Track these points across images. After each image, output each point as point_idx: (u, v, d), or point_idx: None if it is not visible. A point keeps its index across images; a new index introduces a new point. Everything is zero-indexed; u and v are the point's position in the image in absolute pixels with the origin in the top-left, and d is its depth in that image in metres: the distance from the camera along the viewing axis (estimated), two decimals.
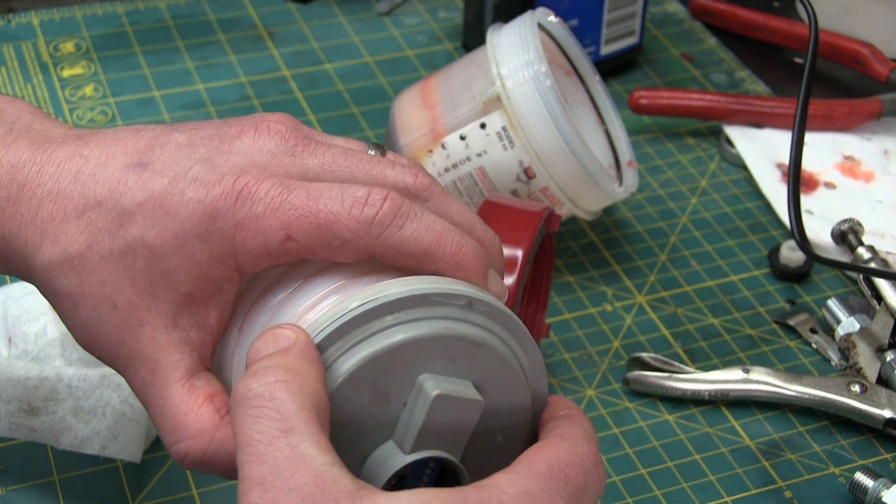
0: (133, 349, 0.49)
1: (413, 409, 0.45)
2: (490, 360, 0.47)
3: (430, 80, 0.80)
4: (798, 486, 0.70)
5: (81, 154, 0.51)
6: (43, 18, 1.02)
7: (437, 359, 0.46)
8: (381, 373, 0.45)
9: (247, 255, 0.48)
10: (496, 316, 0.47)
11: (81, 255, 0.49)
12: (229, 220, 0.48)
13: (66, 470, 0.67)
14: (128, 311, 0.49)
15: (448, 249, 0.48)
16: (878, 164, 0.92)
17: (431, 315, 0.45)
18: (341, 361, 0.45)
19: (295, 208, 0.48)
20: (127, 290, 0.49)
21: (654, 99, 0.94)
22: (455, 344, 0.46)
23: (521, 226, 0.67)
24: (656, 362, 0.75)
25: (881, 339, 0.75)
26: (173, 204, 0.48)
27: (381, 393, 0.46)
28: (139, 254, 0.49)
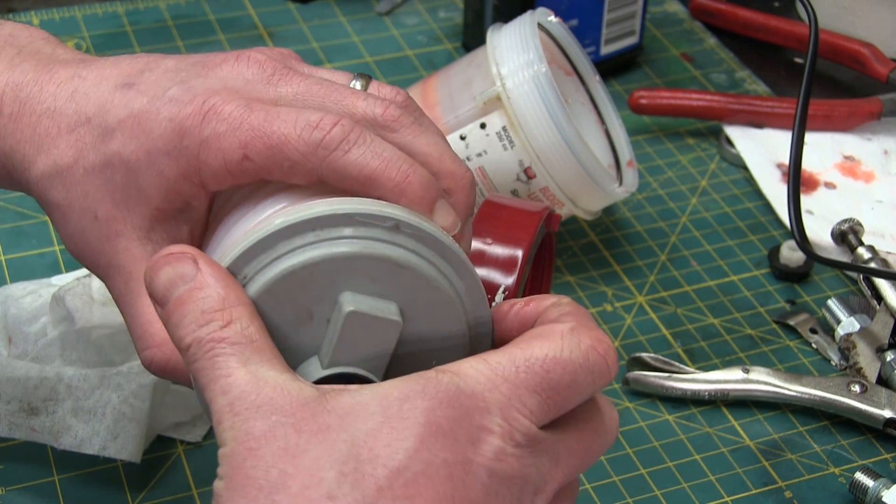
0: (111, 259, 0.52)
1: (332, 324, 0.46)
2: (416, 283, 0.47)
3: (430, 80, 0.80)
4: (798, 486, 0.70)
5: (80, 75, 0.53)
6: (43, 18, 1.02)
7: (359, 278, 0.46)
8: (301, 288, 0.46)
9: (209, 172, 0.50)
10: (426, 240, 0.47)
11: (69, 168, 0.52)
12: (195, 138, 0.50)
13: (66, 470, 0.67)
14: (106, 222, 0.51)
15: (392, 176, 0.49)
16: (879, 164, 0.92)
17: (355, 235, 0.46)
18: (262, 274, 0.46)
19: (252, 128, 0.49)
20: (106, 203, 0.51)
21: (654, 99, 0.94)
22: (378, 265, 0.46)
23: (521, 226, 0.67)
24: (656, 362, 0.75)
25: (881, 339, 0.75)
26: (149, 122, 0.51)
27: (303, 309, 0.47)
28: (117, 168, 0.51)
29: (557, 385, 0.45)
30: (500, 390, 0.44)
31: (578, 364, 0.46)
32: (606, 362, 0.47)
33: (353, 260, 0.46)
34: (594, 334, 0.47)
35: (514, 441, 0.44)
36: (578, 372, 0.45)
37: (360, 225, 0.46)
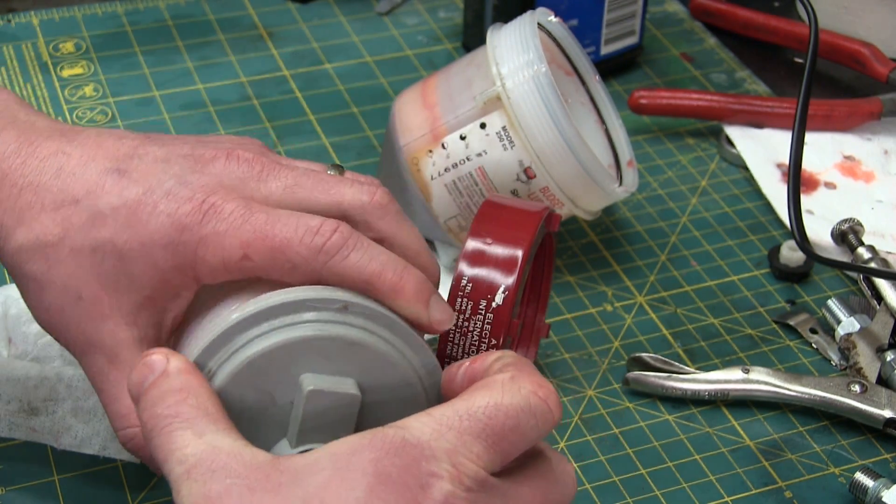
0: (93, 339, 0.53)
1: (295, 405, 0.50)
2: (369, 357, 0.50)
3: (430, 80, 0.80)
4: (798, 486, 0.70)
5: (65, 151, 0.54)
6: (43, 18, 1.02)
7: (315, 359, 0.50)
8: (261, 375, 0.50)
9: (206, 267, 0.53)
10: (375, 317, 0.51)
11: (53, 246, 0.53)
12: (194, 234, 0.52)
13: (66, 470, 0.67)
14: (92, 304, 0.53)
15: (388, 278, 0.52)
16: (879, 164, 0.92)
17: (307, 319, 0.50)
18: (224, 367, 0.50)
19: (254, 230, 0.52)
20: (93, 285, 0.53)
21: (654, 99, 0.94)
22: (331, 344, 0.50)
23: (521, 226, 0.67)
24: (656, 362, 0.75)
25: (881, 339, 0.75)
26: (145, 213, 0.53)
27: (266, 394, 0.50)
28: (108, 254, 0.53)
29: (501, 430, 0.46)
30: (446, 438, 0.46)
31: (520, 408, 0.47)
32: (548, 405, 0.48)
33: (308, 343, 0.50)
34: (534, 380, 0.48)
35: (464, 485, 0.45)
36: (520, 416, 0.47)
37: (311, 310, 0.50)
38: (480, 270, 0.65)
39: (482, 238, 0.66)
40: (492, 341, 0.64)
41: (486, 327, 0.64)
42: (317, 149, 0.91)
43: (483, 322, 0.64)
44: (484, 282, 0.65)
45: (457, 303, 0.64)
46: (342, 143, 0.92)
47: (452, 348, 0.64)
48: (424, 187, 0.77)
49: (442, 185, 0.77)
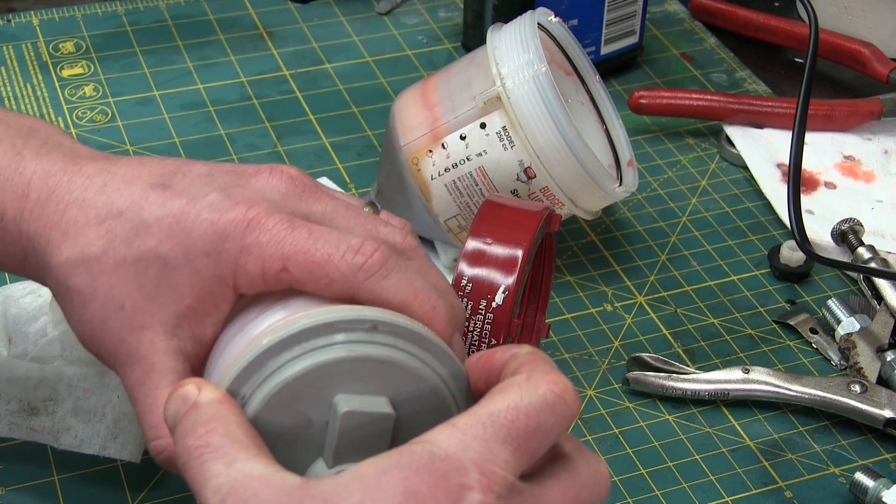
0: (133, 349, 0.54)
1: (331, 426, 0.50)
2: (401, 375, 0.51)
3: (430, 80, 0.80)
4: (798, 486, 0.70)
5: (109, 170, 0.56)
6: (43, 18, 1.02)
7: (347, 380, 0.50)
8: (295, 399, 0.50)
9: (245, 277, 0.53)
10: (403, 334, 0.51)
11: (97, 258, 0.54)
12: (237, 243, 0.53)
13: (66, 470, 0.67)
14: (133, 314, 0.54)
15: (422, 305, 0.53)
16: (879, 163, 0.92)
17: (337, 341, 0.50)
18: (258, 392, 0.50)
19: (295, 244, 0.53)
20: (135, 295, 0.54)
21: (654, 99, 0.94)
22: (362, 364, 0.50)
23: (521, 226, 0.67)
24: (656, 362, 0.75)
25: (881, 339, 0.75)
26: (189, 222, 0.54)
27: (301, 416, 0.50)
28: (151, 263, 0.54)
29: (525, 432, 0.46)
30: (472, 447, 0.45)
31: (539, 408, 0.47)
32: (565, 400, 0.48)
33: (340, 364, 0.50)
34: (549, 377, 0.48)
35: (495, 493, 0.45)
36: (541, 415, 0.47)
37: (341, 331, 0.50)
38: (480, 270, 0.65)
39: (482, 238, 0.66)
40: (492, 341, 0.64)
41: (486, 327, 0.64)
42: (317, 149, 0.91)
43: (483, 322, 0.64)
44: (484, 282, 0.65)
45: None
46: (342, 143, 0.92)
47: None
48: (424, 187, 0.77)
49: (442, 185, 0.77)
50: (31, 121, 0.59)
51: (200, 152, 0.90)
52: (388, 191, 0.80)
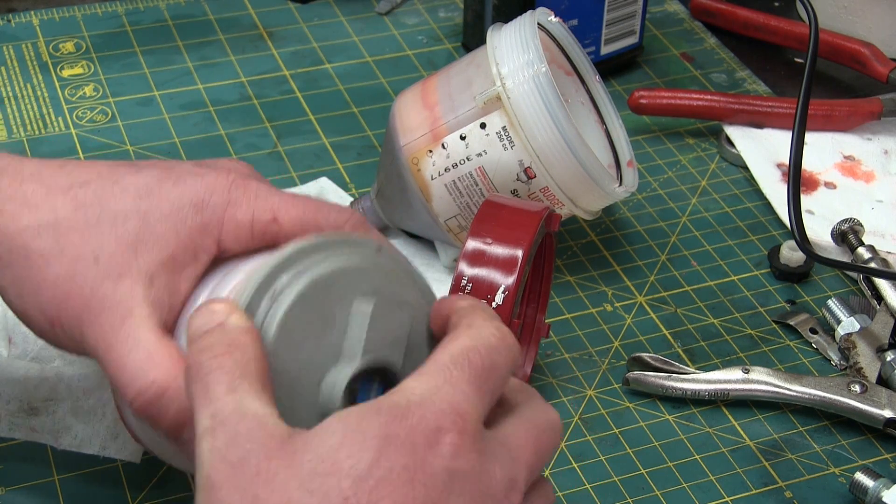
0: (109, 297, 0.53)
1: (356, 324, 0.52)
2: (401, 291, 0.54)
3: (430, 80, 0.80)
4: (798, 486, 0.70)
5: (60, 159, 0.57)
6: (43, 18, 1.02)
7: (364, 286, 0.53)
8: (325, 296, 0.52)
9: (232, 225, 0.55)
10: (398, 260, 0.55)
11: (66, 219, 0.54)
12: (223, 196, 0.55)
13: (66, 470, 0.67)
14: (110, 264, 0.53)
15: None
16: (879, 163, 0.92)
17: (354, 252, 0.53)
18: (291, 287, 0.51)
19: (283, 198, 0.56)
20: (111, 247, 0.54)
21: (654, 99, 0.94)
22: (376, 275, 0.53)
23: (521, 226, 0.67)
24: (656, 362, 0.75)
25: (881, 339, 0.75)
26: (171, 183, 0.55)
27: (329, 314, 0.52)
28: (130, 217, 0.54)
29: (482, 370, 0.49)
30: (444, 390, 0.48)
31: (488, 348, 0.50)
32: (507, 343, 0.51)
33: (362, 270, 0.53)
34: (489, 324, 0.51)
35: (468, 433, 0.48)
36: (491, 355, 0.50)
37: (354, 245, 0.54)
38: (480, 270, 0.65)
39: (482, 238, 0.66)
40: None
41: None
42: (317, 149, 0.91)
43: None
44: (484, 282, 0.65)
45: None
46: (342, 143, 0.92)
47: None
48: (424, 187, 0.77)
49: (442, 185, 0.77)
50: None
51: (200, 152, 0.90)
52: (388, 191, 0.80)
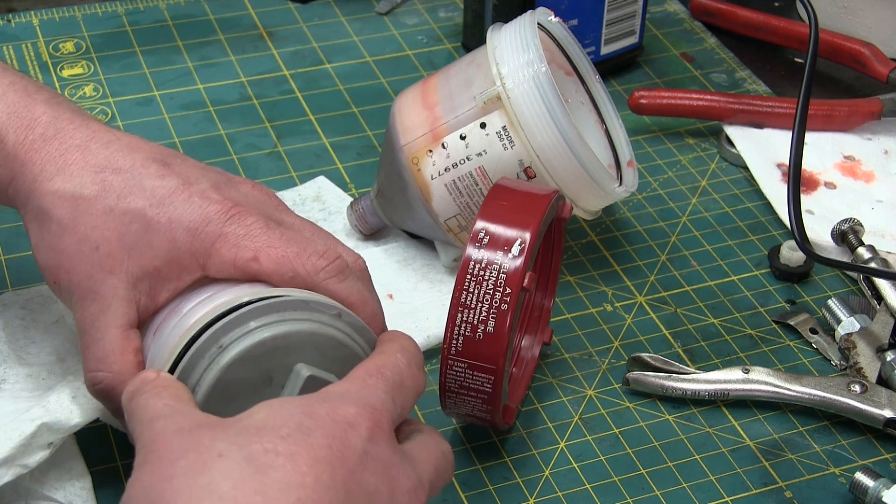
0: (96, 287, 0.60)
1: (289, 387, 0.58)
2: (349, 357, 0.59)
3: (430, 80, 0.80)
4: (798, 486, 0.70)
5: (115, 134, 0.63)
6: (43, 18, 1.02)
7: (310, 352, 0.58)
8: (267, 356, 0.57)
9: (217, 259, 0.61)
10: (359, 329, 0.60)
11: (87, 199, 0.60)
12: (216, 228, 0.60)
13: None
14: (106, 257, 0.60)
15: (367, 310, 0.62)
16: (879, 163, 0.92)
17: (309, 318, 0.58)
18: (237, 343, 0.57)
19: (269, 240, 0.61)
20: (113, 242, 0.60)
21: (654, 99, 0.94)
22: (326, 342, 0.59)
23: (530, 208, 0.67)
24: (656, 362, 0.75)
25: (881, 339, 0.75)
26: (179, 199, 0.61)
27: (265, 374, 0.58)
28: (136, 219, 0.60)
29: (393, 383, 0.56)
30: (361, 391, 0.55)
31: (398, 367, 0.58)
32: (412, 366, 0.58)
33: (310, 336, 0.58)
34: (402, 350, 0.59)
35: (383, 429, 0.54)
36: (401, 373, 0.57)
37: (313, 310, 0.59)
38: (488, 253, 0.65)
39: (491, 220, 0.66)
40: (506, 290, 0.64)
41: (502, 276, 0.64)
42: (317, 149, 0.91)
43: (499, 272, 0.64)
44: (501, 234, 0.65)
45: (475, 251, 0.65)
46: (342, 143, 0.92)
47: (467, 296, 0.65)
48: (424, 187, 0.77)
49: (442, 185, 0.77)
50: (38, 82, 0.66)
51: (200, 152, 0.90)
52: (388, 191, 0.80)
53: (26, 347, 0.70)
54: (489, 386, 0.66)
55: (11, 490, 0.63)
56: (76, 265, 0.60)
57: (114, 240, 0.60)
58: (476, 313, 0.65)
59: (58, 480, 0.65)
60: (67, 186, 0.60)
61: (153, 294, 0.61)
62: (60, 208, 0.60)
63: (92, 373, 0.60)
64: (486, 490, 0.69)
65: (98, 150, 0.62)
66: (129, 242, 0.60)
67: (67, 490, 0.65)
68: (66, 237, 0.60)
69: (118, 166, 0.61)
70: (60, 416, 0.63)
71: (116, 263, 0.60)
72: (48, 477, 0.64)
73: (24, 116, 0.62)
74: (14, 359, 0.69)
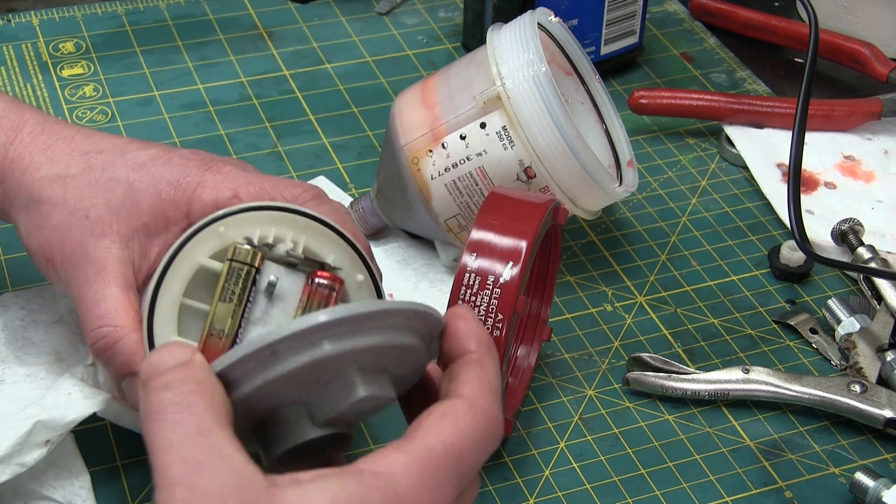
0: (90, 252, 0.62)
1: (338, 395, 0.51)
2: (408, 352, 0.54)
3: (430, 80, 0.80)
4: (798, 486, 0.70)
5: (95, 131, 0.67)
6: (43, 18, 1.02)
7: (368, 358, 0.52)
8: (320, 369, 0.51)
9: (199, 204, 0.64)
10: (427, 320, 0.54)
11: (73, 177, 0.64)
12: (196, 177, 0.64)
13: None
14: (96, 223, 0.63)
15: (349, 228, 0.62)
16: (879, 163, 0.92)
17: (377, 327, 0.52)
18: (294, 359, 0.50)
19: (246, 179, 0.64)
20: (100, 208, 0.63)
21: (654, 99, 0.94)
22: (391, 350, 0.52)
23: (526, 217, 0.67)
24: (656, 362, 0.75)
25: (881, 339, 0.75)
26: (160, 162, 0.65)
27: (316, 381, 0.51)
28: (120, 184, 0.64)
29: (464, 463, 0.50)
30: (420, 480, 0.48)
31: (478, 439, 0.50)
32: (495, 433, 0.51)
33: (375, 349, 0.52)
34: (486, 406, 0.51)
35: None
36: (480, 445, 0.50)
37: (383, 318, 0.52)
38: (485, 261, 0.65)
39: (487, 229, 0.66)
40: (498, 316, 0.64)
41: (494, 302, 0.64)
42: (317, 149, 0.91)
43: (490, 297, 0.64)
44: (490, 259, 0.65)
45: (465, 277, 0.64)
46: (342, 143, 0.92)
47: None
48: (424, 187, 0.77)
49: (442, 185, 0.77)
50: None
51: None
52: (388, 191, 0.80)
53: (25, 348, 0.70)
54: None
55: (10, 490, 0.63)
56: (68, 236, 0.63)
57: (101, 205, 0.63)
58: None
59: (56, 479, 0.65)
60: (55, 170, 0.64)
61: (144, 251, 0.63)
62: (49, 189, 0.63)
63: (94, 330, 0.61)
64: (486, 490, 0.69)
65: (83, 140, 0.66)
66: (116, 206, 0.63)
67: (66, 489, 0.65)
68: (55, 213, 0.63)
69: (101, 148, 0.65)
70: (56, 413, 0.63)
71: (107, 226, 0.63)
72: (47, 476, 0.64)
73: (13, 119, 0.66)
74: (13, 359, 0.69)
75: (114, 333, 0.61)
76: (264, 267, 0.60)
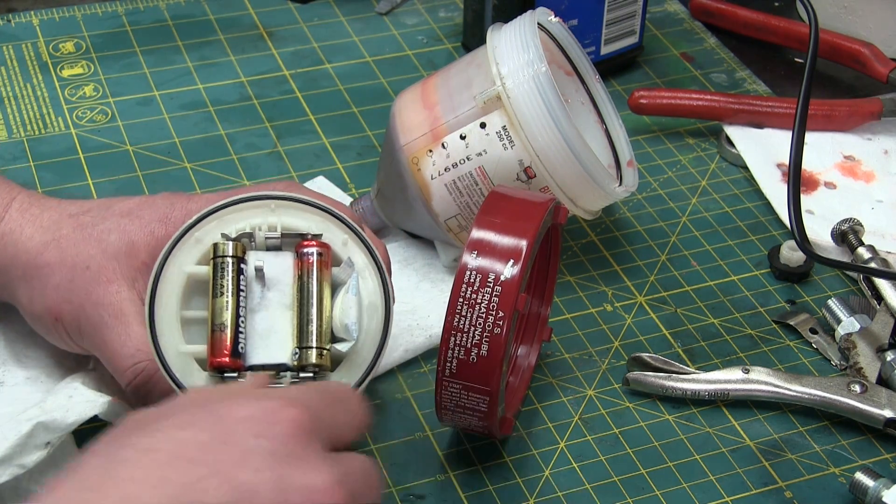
0: (102, 300, 0.65)
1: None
2: None
3: (430, 80, 0.80)
4: (798, 486, 0.70)
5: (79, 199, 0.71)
6: (43, 18, 1.02)
7: None
8: None
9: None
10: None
11: (67, 237, 0.67)
12: (181, 209, 0.67)
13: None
14: (99, 272, 0.65)
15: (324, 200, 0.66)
16: (879, 163, 0.92)
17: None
18: None
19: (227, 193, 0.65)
20: (98, 257, 0.66)
21: (654, 99, 0.94)
22: None
23: (526, 216, 0.67)
24: (656, 362, 0.75)
25: (881, 339, 0.75)
26: (147, 206, 0.68)
27: None
28: (113, 231, 0.67)
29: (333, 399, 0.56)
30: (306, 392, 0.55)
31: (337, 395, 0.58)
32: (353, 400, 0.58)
33: None
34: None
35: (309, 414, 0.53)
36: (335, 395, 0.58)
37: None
38: (485, 260, 0.65)
39: (488, 228, 0.66)
40: (499, 314, 0.64)
41: (495, 300, 0.64)
42: (317, 149, 0.91)
43: (491, 295, 0.64)
44: (492, 257, 0.65)
45: (466, 275, 0.64)
46: (342, 143, 0.92)
47: (460, 320, 0.64)
48: (424, 187, 0.77)
49: (442, 185, 0.77)
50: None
51: (200, 152, 0.90)
52: (388, 191, 0.80)
53: (25, 351, 0.70)
54: (484, 405, 0.65)
55: (10, 491, 0.63)
56: (74, 291, 0.65)
57: (99, 255, 0.66)
58: (469, 337, 0.64)
59: None
60: (47, 236, 0.67)
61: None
62: (46, 254, 0.66)
63: (130, 368, 0.64)
64: (486, 490, 0.69)
65: (69, 205, 0.69)
66: (114, 252, 0.66)
67: None
68: (56, 273, 0.66)
69: (87, 208, 0.68)
70: (57, 415, 0.63)
71: (110, 272, 0.65)
72: (47, 477, 0.64)
73: (3, 196, 0.69)
74: (13, 362, 0.69)
75: (150, 366, 0.63)
76: (248, 256, 0.63)
